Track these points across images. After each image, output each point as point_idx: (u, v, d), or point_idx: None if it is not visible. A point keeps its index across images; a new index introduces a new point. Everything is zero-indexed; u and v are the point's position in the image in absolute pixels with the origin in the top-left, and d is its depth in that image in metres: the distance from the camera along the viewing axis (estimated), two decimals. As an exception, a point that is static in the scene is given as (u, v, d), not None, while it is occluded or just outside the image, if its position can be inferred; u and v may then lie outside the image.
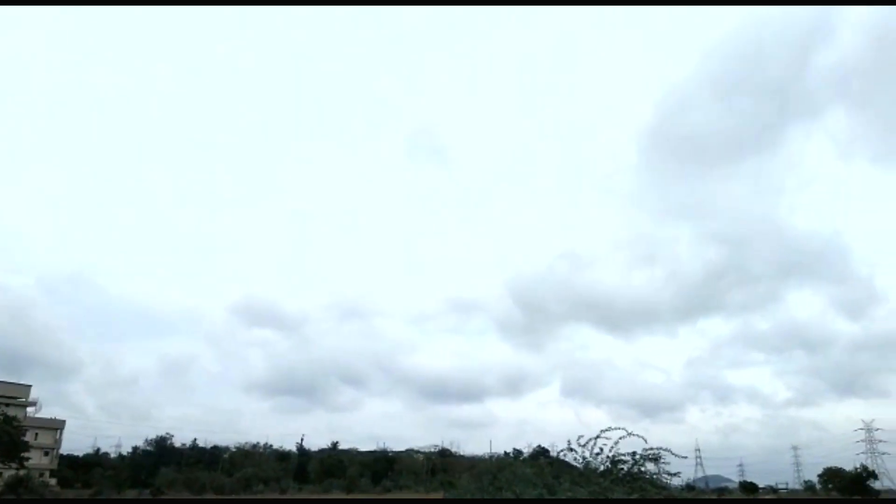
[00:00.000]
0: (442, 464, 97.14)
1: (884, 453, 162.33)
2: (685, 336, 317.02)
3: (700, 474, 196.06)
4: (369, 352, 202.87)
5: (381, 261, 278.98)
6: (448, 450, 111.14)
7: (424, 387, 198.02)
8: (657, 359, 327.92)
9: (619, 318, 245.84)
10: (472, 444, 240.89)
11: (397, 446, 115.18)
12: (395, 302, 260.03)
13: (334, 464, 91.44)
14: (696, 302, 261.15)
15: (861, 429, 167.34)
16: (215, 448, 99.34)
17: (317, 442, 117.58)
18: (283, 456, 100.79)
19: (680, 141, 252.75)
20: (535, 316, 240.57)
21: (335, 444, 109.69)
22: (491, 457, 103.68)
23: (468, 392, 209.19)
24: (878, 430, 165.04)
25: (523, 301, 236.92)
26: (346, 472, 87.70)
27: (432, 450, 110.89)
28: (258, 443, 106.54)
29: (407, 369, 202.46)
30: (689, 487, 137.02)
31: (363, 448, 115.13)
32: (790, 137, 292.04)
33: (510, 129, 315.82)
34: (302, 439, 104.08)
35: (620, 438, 9.16)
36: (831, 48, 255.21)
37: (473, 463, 78.76)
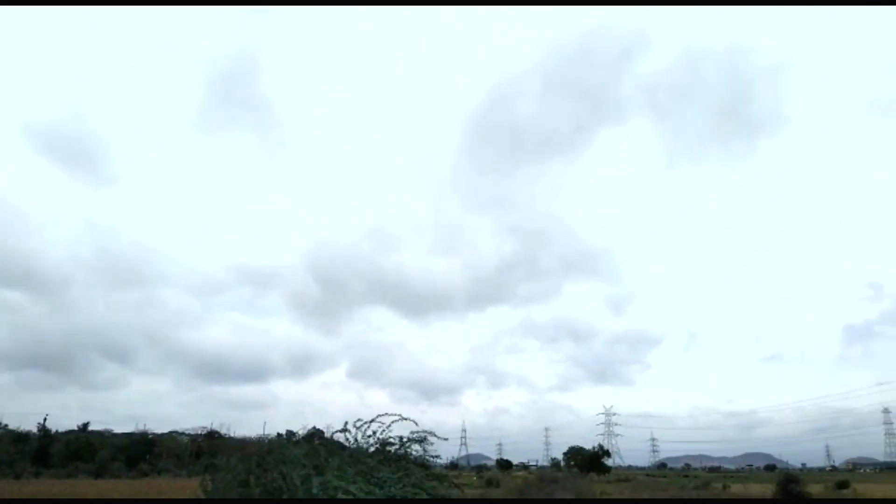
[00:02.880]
0: (209, 446, 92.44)
1: (618, 435, 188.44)
2: (473, 323, 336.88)
3: (464, 453, 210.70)
4: (141, 323, 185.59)
5: (167, 218, 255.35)
6: (217, 432, 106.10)
7: (201, 364, 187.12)
8: (445, 344, 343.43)
9: (415, 302, 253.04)
10: (248, 426, 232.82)
11: (161, 428, 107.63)
12: (178, 268, 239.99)
13: (83, 446, 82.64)
14: (489, 291, 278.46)
15: (602, 413, 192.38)
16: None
17: (65, 423, 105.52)
18: (20, 437, 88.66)
19: (503, 131, 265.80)
20: (333, 294, 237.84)
21: (85, 426, 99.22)
22: (262, 438, 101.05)
23: (250, 371, 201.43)
24: (615, 414, 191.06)
25: (323, 277, 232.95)
26: (97, 456, 79.89)
27: (200, 431, 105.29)
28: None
29: (183, 344, 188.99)
30: (453, 465, 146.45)
31: (120, 430, 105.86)
32: (598, 141, 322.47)
33: (332, 93, 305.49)
34: (45, 419, 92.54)
35: (393, 422, 9.53)
36: (647, 61, 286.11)
37: (244, 445, 76.21)
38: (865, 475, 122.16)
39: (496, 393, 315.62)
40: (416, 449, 9.47)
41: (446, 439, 10.10)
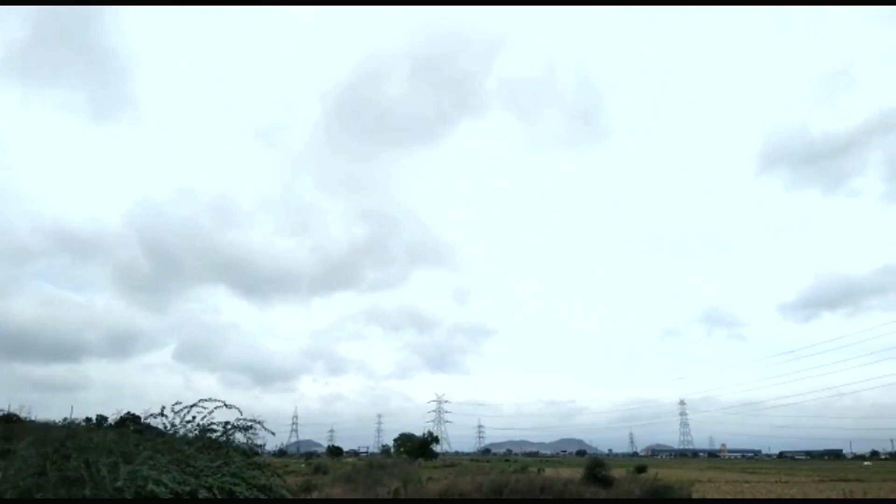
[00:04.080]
0: (5, 431, 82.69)
1: (448, 422, 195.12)
2: (318, 307, 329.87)
3: (294, 440, 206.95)
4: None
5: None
6: (15, 415, 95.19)
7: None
8: (285, 328, 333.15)
9: (257, 283, 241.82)
10: (54, 410, 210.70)
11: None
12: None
13: None
14: (336, 276, 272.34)
15: (434, 400, 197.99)
16: None
17: None
18: None
19: (366, 111, 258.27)
20: (165, 269, 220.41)
21: None
22: (68, 423, 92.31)
23: (60, 349, 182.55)
24: (447, 402, 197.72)
25: (155, 250, 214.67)
26: None
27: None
28: None
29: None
30: (282, 452, 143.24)
31: None
32: (459, 132, 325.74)
33: (183, 50, 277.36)
34: None
35: (216, 408, 9.14)
36: (512, 60, 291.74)
37: (47, 430, 69.06)
38: (661, 460, 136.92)
39: (334, 379, 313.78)
40: (239, 437, 9.18)
41: (273, 434, 9.91)
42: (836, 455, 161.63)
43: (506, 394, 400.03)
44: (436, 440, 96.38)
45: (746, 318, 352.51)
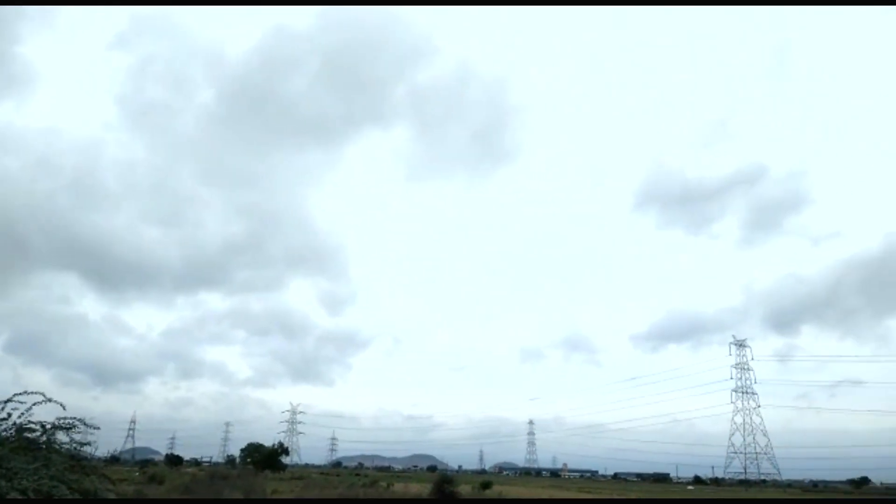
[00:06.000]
0: None
1: (301, 433, 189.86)
2: (181, 305, 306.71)
3: (130, 446, 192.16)
4: None
5: None
6: None
7: None
8: (139, 324, 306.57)
9: (114, 274, 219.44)
10: None
11: None
12: None
13: None
14: (205, 273, 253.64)
15: (288, 410, 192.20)
16: None
17: None
18: None
19: (265, 102, 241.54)
20: (6, 249, 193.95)
21: None
22: None
23: None
24: (302, 412, 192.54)
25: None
26: None
27: None
28: None
29: None
30: (114, 459, 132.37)
31: None
32: (361, 138, 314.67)
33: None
34: None
35: (35, 404, 8.31)
36: (425, 70, 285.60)
37: None
38: (507, 478, 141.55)
39: (185, 383, 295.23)
40: (62, 437, 8.40)
41: (98, 428, 9.06)
42: (663, 478, 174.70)
43: (367, 407, 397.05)
44: (286, 451, 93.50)
45: (602, 345, 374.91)
